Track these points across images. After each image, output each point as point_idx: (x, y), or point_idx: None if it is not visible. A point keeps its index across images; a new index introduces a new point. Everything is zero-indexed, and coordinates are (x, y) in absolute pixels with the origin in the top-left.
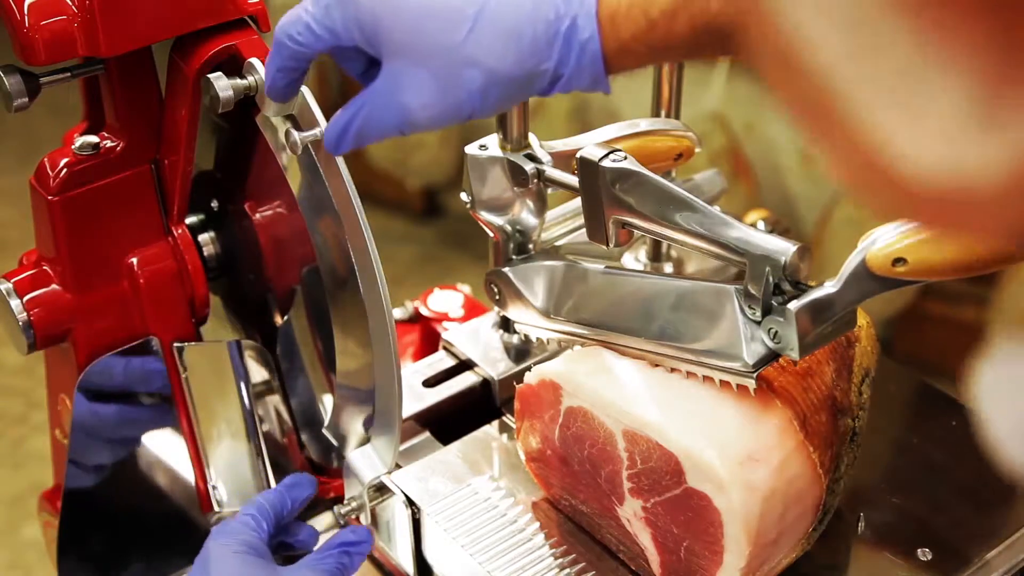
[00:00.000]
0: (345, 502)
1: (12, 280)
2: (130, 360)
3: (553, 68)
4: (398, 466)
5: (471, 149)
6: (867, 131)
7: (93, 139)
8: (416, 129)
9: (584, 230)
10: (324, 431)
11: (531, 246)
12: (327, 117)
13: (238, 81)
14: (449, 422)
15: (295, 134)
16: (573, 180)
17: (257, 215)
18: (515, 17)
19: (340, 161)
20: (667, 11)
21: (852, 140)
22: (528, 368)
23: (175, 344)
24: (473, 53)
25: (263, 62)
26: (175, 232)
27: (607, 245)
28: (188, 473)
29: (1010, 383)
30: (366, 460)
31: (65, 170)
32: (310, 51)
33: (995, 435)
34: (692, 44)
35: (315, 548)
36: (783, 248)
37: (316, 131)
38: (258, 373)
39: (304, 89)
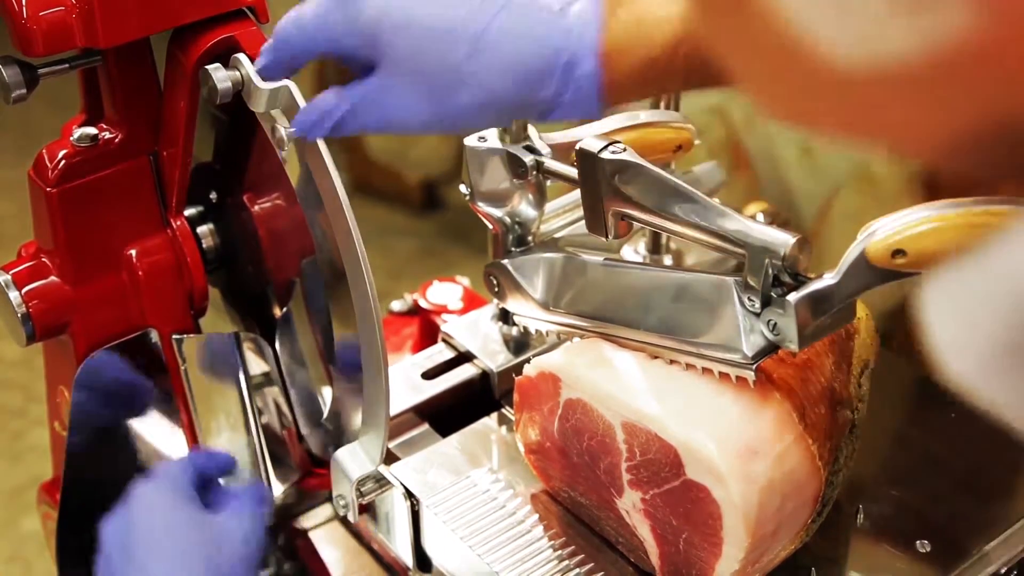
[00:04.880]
0: (336, 498)
1: (11, 272)
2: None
3: (549, 99)
4: (397, 458)
5: (470, 141)
6: (791, 22)
7: (91, 131)
8: (396, 133)
9: (583, 222)
10: (323, 423)
11: (530, 238)
12: None
13: (236, 72)
14: (448, 414)
15: (281, 129)
16: (572, 172)
17: (256, 207)
18: (517, 46)
19: (327, 157)
20: (668, 47)
21: (769, 30)
22: (527, 360)
23: (174, 336)
24: (471, 75)
25: (257, 56)
26: (174, 224)
27: (606, 237)
28: None
29: (958, 294)
30: (353, 458)
31: (63, 162)
32: (306, 53)
33: (939, 348)
34: (687, 77)
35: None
36: (782, 240)
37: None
38: (257, 365)
39: (291, 84)
